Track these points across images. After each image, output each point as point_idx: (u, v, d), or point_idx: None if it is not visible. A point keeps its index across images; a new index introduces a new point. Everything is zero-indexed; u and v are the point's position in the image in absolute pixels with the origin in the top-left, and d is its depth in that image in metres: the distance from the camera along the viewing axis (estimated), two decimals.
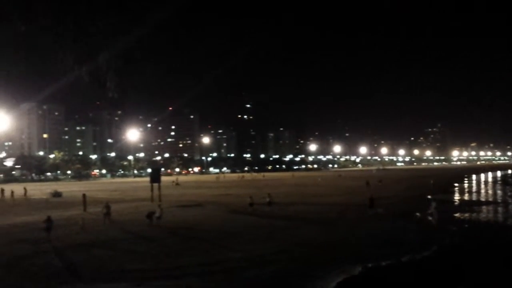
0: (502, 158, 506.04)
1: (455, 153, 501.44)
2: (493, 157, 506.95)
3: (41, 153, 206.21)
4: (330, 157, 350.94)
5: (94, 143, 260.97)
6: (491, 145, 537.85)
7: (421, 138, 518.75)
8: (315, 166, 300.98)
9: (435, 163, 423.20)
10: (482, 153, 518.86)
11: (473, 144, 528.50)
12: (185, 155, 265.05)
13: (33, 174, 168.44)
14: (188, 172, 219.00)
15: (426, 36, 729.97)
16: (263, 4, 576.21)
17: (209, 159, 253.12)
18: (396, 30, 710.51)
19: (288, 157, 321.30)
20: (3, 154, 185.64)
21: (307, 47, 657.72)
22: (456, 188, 73.84)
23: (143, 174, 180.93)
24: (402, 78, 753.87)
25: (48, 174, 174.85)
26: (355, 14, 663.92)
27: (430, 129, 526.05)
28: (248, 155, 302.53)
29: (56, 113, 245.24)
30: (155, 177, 50.59)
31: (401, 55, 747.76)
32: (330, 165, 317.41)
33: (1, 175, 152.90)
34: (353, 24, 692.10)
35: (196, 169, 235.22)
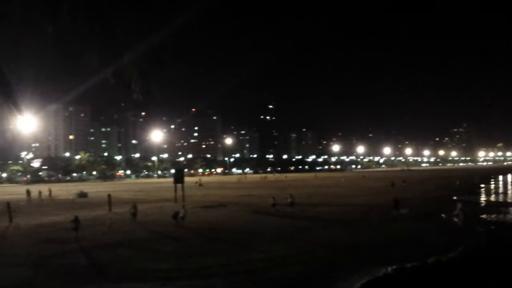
0: None
1: (481, 153, 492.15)
2: None
3: (67, 154, 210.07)
4: (353, 157, 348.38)
5: (119, 144, 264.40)
6: None
7: (447, 138, 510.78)
8: (338, 166, 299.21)
9: (461, 164, 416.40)
10: (509, 153, 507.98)
11: (499, 145, 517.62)
12: (208, 156, 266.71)
13: (60, 175, 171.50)
14: (211, 173, 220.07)
15: (453, 36, 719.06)
16: (287, 5, 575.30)
17: (232, 160, 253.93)
18: (422, 28, 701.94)
19: (311, 157, 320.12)
20: (31, 155, 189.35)
21: (331, 47, 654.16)
22: (483, 189, 72.52)
23: (167, 175, 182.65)
24: (427, 78, 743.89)
25: (74, 174, 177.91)
26: (376, 13, 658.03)
27: (455, 130, 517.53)
28: (271, 156, 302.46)
29: (82, 115, 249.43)
30: (178, 177, 50.97)
31: (426, 55, 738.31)
32: (353, 166, 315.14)
33: (29, 176, 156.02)
34: (377, 23, 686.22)
35: (219, 170, 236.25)
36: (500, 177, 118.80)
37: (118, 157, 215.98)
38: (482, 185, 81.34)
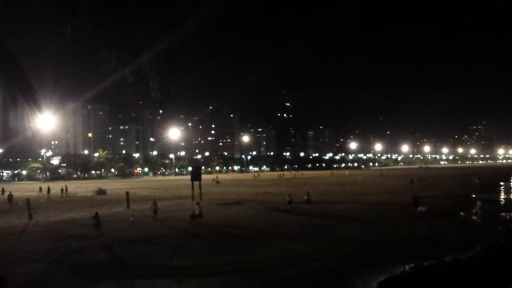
0: None
1: (500, 151, 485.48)
2: None
3: (86, 151, 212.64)
4: (370, 155, 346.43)
5: (137, 142, 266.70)
6: None
7: (465, 136, 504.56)
8: (355, 164, 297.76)
9: (480, 162, 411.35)
10: None
11: None
12: (225, 153, 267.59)
13: (78, 172, 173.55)
14: (228, 171, 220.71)
15: (469, 32, 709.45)
16: (303, 3, 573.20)
17: (249, 157, 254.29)
18: (443, 25, 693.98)
19: (328, 155, 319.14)
20: (50, 153, 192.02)
21: (350, 44, 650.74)
22: (502, 187, 71.47)
23: (184, 173, 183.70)
24: (446, 75, 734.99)
25: (93, 172, 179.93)
26: (402, 8, 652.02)
27: (474, 127, 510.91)
28: (288, 154, 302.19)
29: (100, 113, 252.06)
30: (196, 175, 51.22)
31: (445, 52, 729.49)
32: (371, 164, 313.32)
33: (48, 173, 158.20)
34: (396, 20, 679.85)
35: (236, 168, 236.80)
36: None
37: (136, 155, 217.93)
38: (502, 183, 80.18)
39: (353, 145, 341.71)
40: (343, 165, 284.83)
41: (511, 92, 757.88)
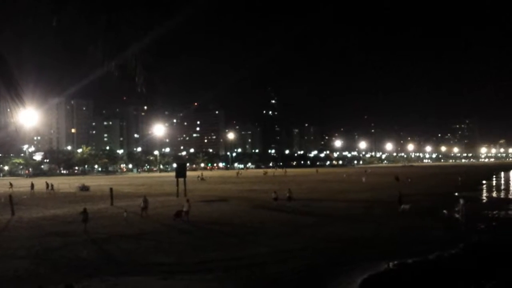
0: None
1: (483, 150, 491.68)
2: None
3: (69, 147, 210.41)
4: (355, 153, 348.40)
5: (121, 138, 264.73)
6: None
7: (449, 134, 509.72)
8: (340, 162, 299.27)
9: (463, 160, 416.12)
10: (511, 150, 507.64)
11: (501, 141, 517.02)
12: (210, 150, 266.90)
13: (61, 168, 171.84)
14: (213, 168, 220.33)
15: (454, 30, 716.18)
16: (290, 2, 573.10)
17: (234, 154, 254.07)
18: (423, 23, 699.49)
19: (313, 153, 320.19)
20: (32, 149, 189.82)
21: (335, 43, 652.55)
22: (484, 186, 72.42)
23: (169, 169, 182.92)
24: (430, 74, 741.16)
25: (76, 168, 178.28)
26: (386, 10, 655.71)
27: (457, 126, 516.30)
28: (273, 151, 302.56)
29: (84, 108, 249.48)
30: (180, 172, 50.94)
31: (429, 51, 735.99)
32: (355, 162, 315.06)
33: (30, 169, 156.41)
34: (378, 18, 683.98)
35: (221, 165, 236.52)
36: (502, 174, 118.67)
37: (120, 151, 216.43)
38: (484, 182, 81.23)
39: (338, 143, 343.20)
40: (327, 163, 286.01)
41: (494, 91, 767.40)
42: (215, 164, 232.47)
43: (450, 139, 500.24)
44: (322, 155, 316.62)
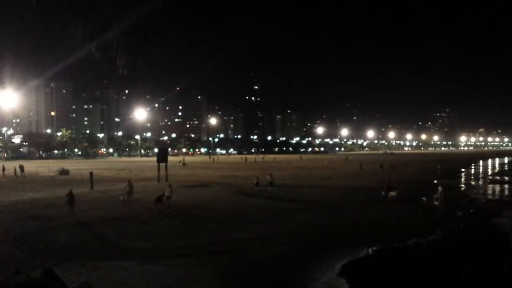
0: (510, 144, 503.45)
1: (462, 138, 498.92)
2: (501, 143, 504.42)
3: (49, 130, 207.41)
4: (337, 140, 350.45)
5: (102, 122, 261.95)
6: (499, 131, 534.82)
7: (429, 123, 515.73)
8: (322, 149, 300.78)
9: (443, 148, 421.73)
10: (490, 139, 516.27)
11: (481, 130, 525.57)
12: (192, 135, 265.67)
13: (41, 152, 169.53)
14: (195, 153, 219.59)
15: (436, 20, 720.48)
16: None
17: (216, 140, 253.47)
18: (406, 12, 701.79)
19: (295, 139, 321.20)
20: (11, 131, 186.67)
21: (317, 29, 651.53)
22: (463, 174, 73.60)
23: (150, 154, 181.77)
24: (412, 62, 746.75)
25: (56, 152, 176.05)
26: None
27: (438, 114, 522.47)
28: (255, 137, 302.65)
29: (64, 91, 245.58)
30: (162, 157, 50.62)
31: (411, 39, 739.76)
32: (337, 149, 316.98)
33: (9, 152, 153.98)
34: (367, 6, 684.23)
35: (203, 150, 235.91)
36: (481, 162, 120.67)
37: (101, 135, 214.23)
38: (463, 170, 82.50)
39: (320, 130, 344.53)
40: (309, 149, 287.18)
41: (475, 80, 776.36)
42: (197, 150, 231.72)
43: (431, 127, 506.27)
44: (304, 141, 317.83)
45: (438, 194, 35.37)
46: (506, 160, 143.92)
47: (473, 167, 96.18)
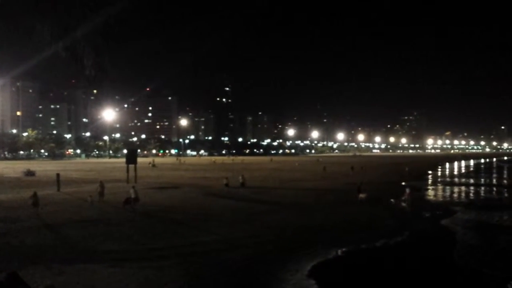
0: (475, 147, 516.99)
1: (429, 141, 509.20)
2: (467, 146, 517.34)
3: (14, 131, 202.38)
4: (307, 142, 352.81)
5: (69, 122, 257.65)
6: (465, 134, 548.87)
7: (397, 125, 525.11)
8: (293, 151, 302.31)
9: (410, 151, 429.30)
10: (456, 142, 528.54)
11: (447, 133, 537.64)
12: (163, 136, 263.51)
13: (6, 152, 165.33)
14: (165, 154, 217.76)
15: (407, 25, 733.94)
16: None
17: (187, 141, 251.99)
18: (379, 17, 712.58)
19: (266, 141, 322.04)
20: None
21: (288, 30, 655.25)
22: (430, 176, 75.14)
23: (119, 155, 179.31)
24: (380, 65, 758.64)
25: (21, 152, 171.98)
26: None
27: (406, 117, 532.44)
28: (226, 138, 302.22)
29: (30, 91, 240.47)
30: (131, 158, 50.04)
31: (381, 43, 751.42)
32: (308, 151, 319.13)
33: None
34: (337, 9, 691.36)
35: (173, 151, 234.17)
36: (447, 165, 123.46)
37: (68, 136, 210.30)
38: (429, 172, 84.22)
39: (291, 132, 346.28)
40: (280, 151, 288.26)
41: (442, 84, 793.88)
42: (167, 151, 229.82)
43: (399, 130, 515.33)
44: (275, 143, 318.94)
45: (406, 196, 36.00)
46: (471, 162, 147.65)
47: (439, 169, 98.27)
